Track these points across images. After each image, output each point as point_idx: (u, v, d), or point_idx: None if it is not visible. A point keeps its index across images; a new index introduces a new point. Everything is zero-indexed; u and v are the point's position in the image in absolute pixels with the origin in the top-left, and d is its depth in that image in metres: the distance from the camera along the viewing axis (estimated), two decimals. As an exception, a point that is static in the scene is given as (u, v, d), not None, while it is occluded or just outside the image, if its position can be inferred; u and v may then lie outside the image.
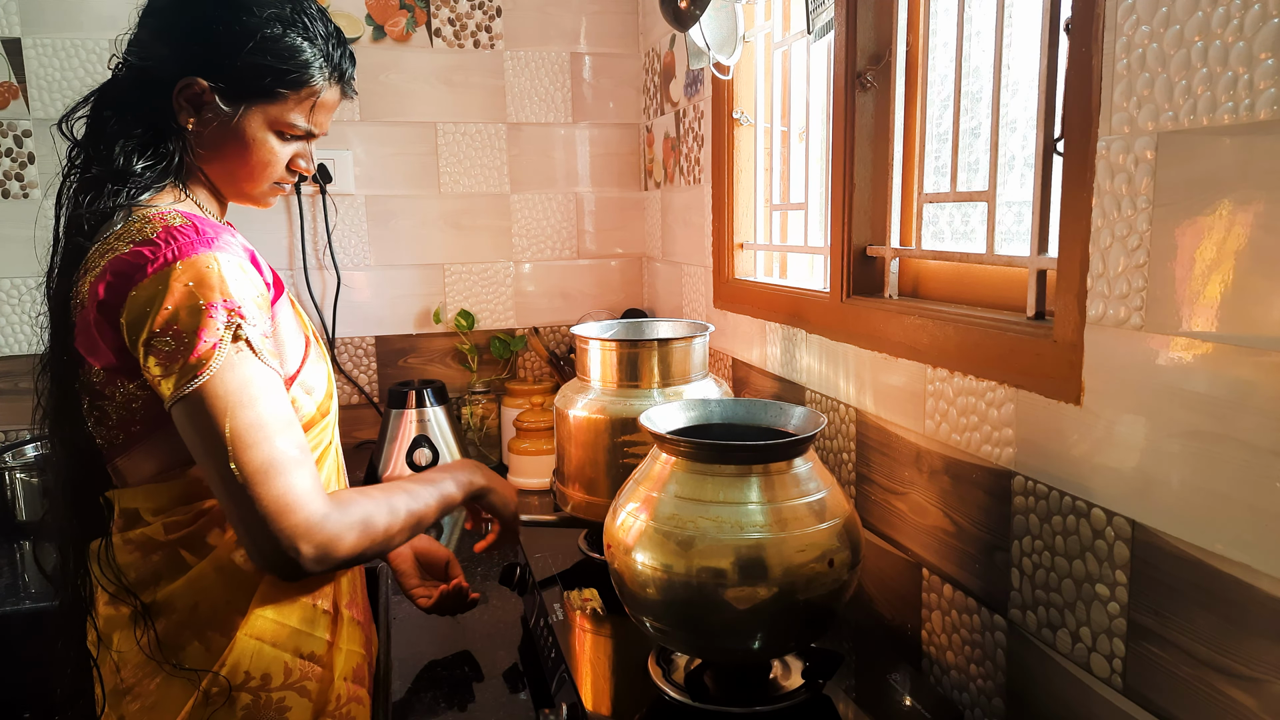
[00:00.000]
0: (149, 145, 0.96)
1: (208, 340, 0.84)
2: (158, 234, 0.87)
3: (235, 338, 0.86)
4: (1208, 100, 0.70)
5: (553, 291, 2.31)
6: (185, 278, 0.85)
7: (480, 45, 2.16)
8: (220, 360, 0.84)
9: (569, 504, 1.40)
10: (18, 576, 1.71)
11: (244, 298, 0.87)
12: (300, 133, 1.01)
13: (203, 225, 0.89)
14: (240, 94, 0.96)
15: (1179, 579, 0.76)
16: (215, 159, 0.99)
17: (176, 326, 0.84)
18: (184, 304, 0.84)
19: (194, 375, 0.84)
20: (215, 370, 0.84)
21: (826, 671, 0.97)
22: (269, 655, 0.95)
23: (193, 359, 0.84)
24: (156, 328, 0.84)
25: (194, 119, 0.96)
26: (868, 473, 1.25)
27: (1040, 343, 0.90)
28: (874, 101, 1.25)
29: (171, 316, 0.84)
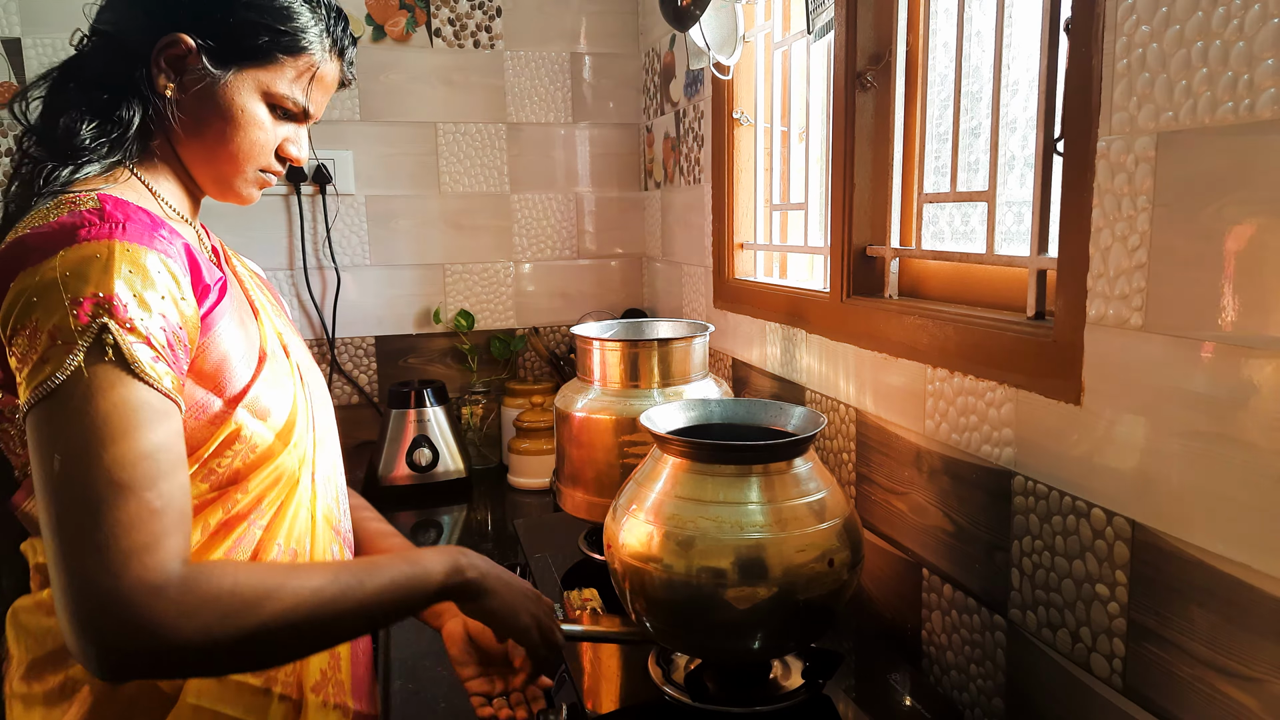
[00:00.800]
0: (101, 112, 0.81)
1: (61, 341, 0.67)
2: (60, 218, 0.72)
3: (99, 344, 0.67)
4: (1208, 100, 0.70)
5: (553, 291, 2.31)
6: (64, 267, 0.69)
7: (480, 45, 2.16)
8: (71, 366, 0.66)
9: (569, 504, 1.40)
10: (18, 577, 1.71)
11: (131, 295, 0.69)
12: (295, 109, 0.87)
13: (115, 208, 0.73)
14: (231, 54, 0.83)
15: (1179, 579, 0.76)
16: (196, 135, 0.84)
17: (32, 322, 0.68)
18: (47, 295, 0.68)
19: (43, 380, 0.67)
20: (61, 381, 0.66)
21: (826, 671, 0.97)
22: None
23: (41, 361, 0.67)
24: (20, 323, 0.69)
25: (174, 84, 0.82)
26: (868, 473, 1.25)
27: (1040, 343, 0.90)
28: (874, 101, 1.25)
29: (30, 308, 0.68)
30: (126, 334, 0.69)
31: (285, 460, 0.84)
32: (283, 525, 0.84)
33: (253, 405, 0.81)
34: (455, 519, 1.89)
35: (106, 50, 0.83)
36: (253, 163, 0.88)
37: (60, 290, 0.68)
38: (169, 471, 0.69)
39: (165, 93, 0.82)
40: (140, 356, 0.69)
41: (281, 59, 0.85)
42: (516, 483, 2.03)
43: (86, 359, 0.67)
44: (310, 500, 0.89)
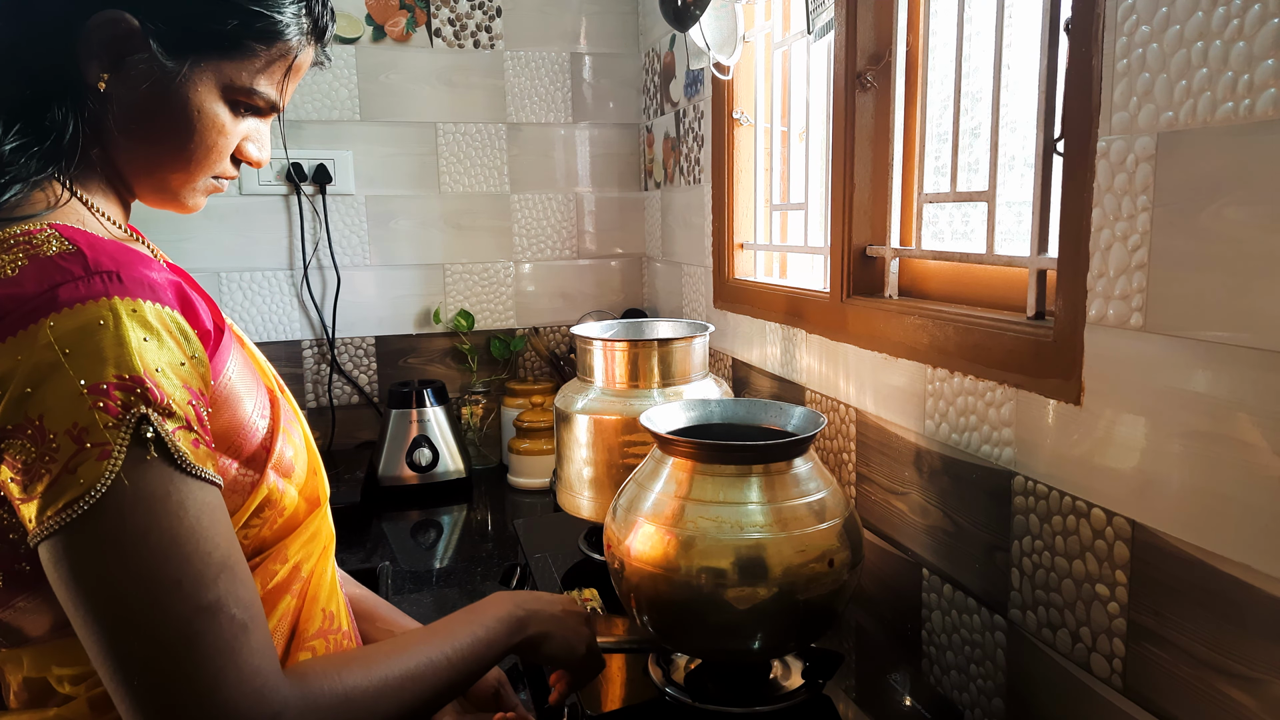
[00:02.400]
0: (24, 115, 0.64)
1: (92, 445, 0.53)
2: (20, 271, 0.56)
3: (139, 441, 0.55)
4: (1208, 100, 0.70)
5: (553, 291, 2.31)
6: (60, 342, 0.54)
7: (480, 45, 2.16)
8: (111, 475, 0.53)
9: (569, 504, 1.40)
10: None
11: (156, 369, 0.57)
12: (262, 104, 0.71)
13: (97, 250, 0.58)
14: (188, 42, 0.66)
15: (1179, 579, 0.76)
16: (138, 138, 0.68)
17: (40, 423, 0.53)
18: (50, 382, 0.54)
19: (69, 503, 0.53)
20: (102, 494, 0.53)
21: (826, 671, 0.97)
22: None
23: (67, 475, 0.53)
24: (11, 423, 0.54)
25: (109, 74, 0.65)
26: (868, 473, 1.25)
27: (1040, 343, 0.90)
28: (874, 101, 1.25)
29: (23, 401, 0.53)
30: (166, 421, 0.56)
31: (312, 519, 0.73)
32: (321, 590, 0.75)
33: (279, 462, 0.69)
34: (455, 519, 1.89)
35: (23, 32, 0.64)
36: (206, 171, 0.72)
37: (68, 375, 0.53)
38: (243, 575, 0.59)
39: (99, 86, 0.65)
40: (183, 445, 0.57)
41: (253, 47, 0.68)
42: (516, 483, 2.03)
43: (127, 464, 0.54)
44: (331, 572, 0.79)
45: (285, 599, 0.71)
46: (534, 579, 1.30)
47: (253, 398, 0.68)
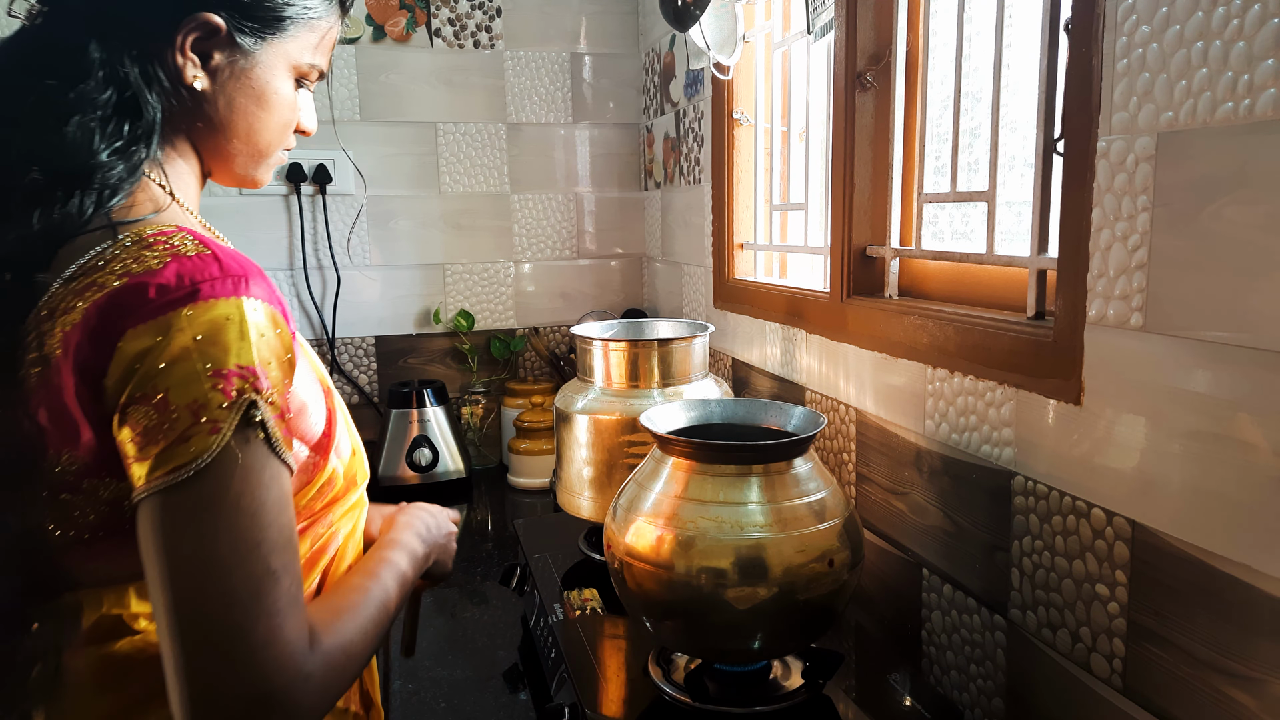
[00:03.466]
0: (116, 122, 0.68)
1: (204, 420, 0.60)
2: (165, 265, 0.63)
3: (247, 420, 0.62)
4: (1208, 100, 0.70)
5: (553, 291, 2.31)
6: (194, 330, 0.61)
7: (480, 45, 2.16)
8: (218, 448, 0.60)
9: (569, 504, 1.40)
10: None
11: (266, 362, 0.64)
12: (315, 76, 0.81)
13: (226, 256, 0.65)
14: (260, 30, 0.74)
15: (1179, 579, 0.76)
16: (224, 126, 0.75)
17: (165, 395, 0.60)
18: (182, 366, 0.61)
19: (178, 466, 0.60)
20: (208, 463, 0.60)
21: (826, 671, 0.97)
22: None
23: (179, 444, 0.60)
24: (140, 391, 0.61)
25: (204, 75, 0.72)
26: (868, 473, 1.25)
27: (1040, 343, 0.90)
28: (874, 101, 1.25)
29: (159, 379, 0.60)
30: (269, 409, 0.63)
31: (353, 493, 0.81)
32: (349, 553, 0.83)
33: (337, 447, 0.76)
34: (455, 519, 1.89)
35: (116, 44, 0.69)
36: (280, 146, 0.81)
37: (196, 359, 0.61)
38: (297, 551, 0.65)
39: (195, 84, 0.71)
40: (279, 434, 0.64)
41: (311, 23, 0.77)
42: (516, 483, 2.03)
43: (236, 439, 0.61)
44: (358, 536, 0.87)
45: (323, 559, 0.79)
46: (534, 579, 1.30)
47: (316, 389, 0.74)
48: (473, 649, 1.27)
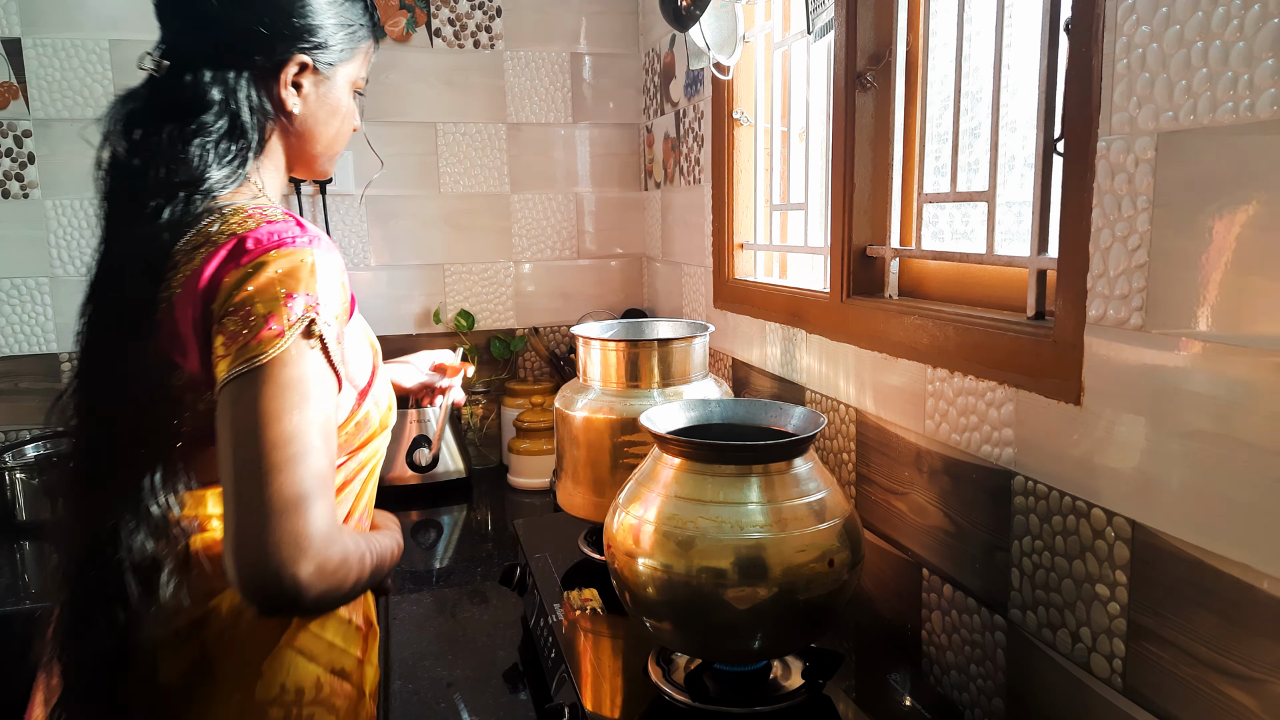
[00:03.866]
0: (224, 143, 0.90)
1: (275, 326, 0.79)
2: (258, 227, 0.85)
3: (308, 332, 0.81)
4: (1208, 100, 0.70)
5: (553, 291, 2.31)
6: (276, 266, 0.82)
7: (480, 45, 2.16)
8: (283, 347, 0.79)
9: (569, 504, 1.40)
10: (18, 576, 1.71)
11: (328, 297, 0.84)
12: (364, 88, 1.04)
13: (303, 224, 0.88)
14: (331, 61, 0.96)
15: (1179, 579, 0.76)
16: (308, 135, 0.98)
17: (249, 308, 0.80)
18: (265, 289, 0.81)
19: (252, 357, 0.78)
20: (274, 356, 0.78)
21: (826, 671, 0.97)
22: (304, 669, 0.89)
23: (254, 341, 0.79)
24: (230, 307, 0.80)
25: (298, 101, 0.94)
26: (868, 473, 1.25)
27: (1040, 343, 0.90)
28: (874, 101, 1.25)
29: (248, 298, 0.80)
30: (326, 327, 0.83)
31: (381, 440, 1.01)
32: (369, 488, 1.02)
33: (375, 396, 0.97)
34: (455, 519, 1.89)
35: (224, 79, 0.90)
36: (346, 141, 1.04)
37: (276, 285, 0.81)
38: (333, 440, 0.83)
39: (292, 109, 0.95)
40: (330, 345, 0.83)
41: (360, 50, 1.00)
42: (516, 483, 2.03)
43: (297, 343, 0.80)
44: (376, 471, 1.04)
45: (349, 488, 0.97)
46: (534, 579, 1.31)
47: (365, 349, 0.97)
48: (473, 649, 1.27)
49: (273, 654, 0.88)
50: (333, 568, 0.79)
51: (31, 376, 2.00)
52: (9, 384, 1.99)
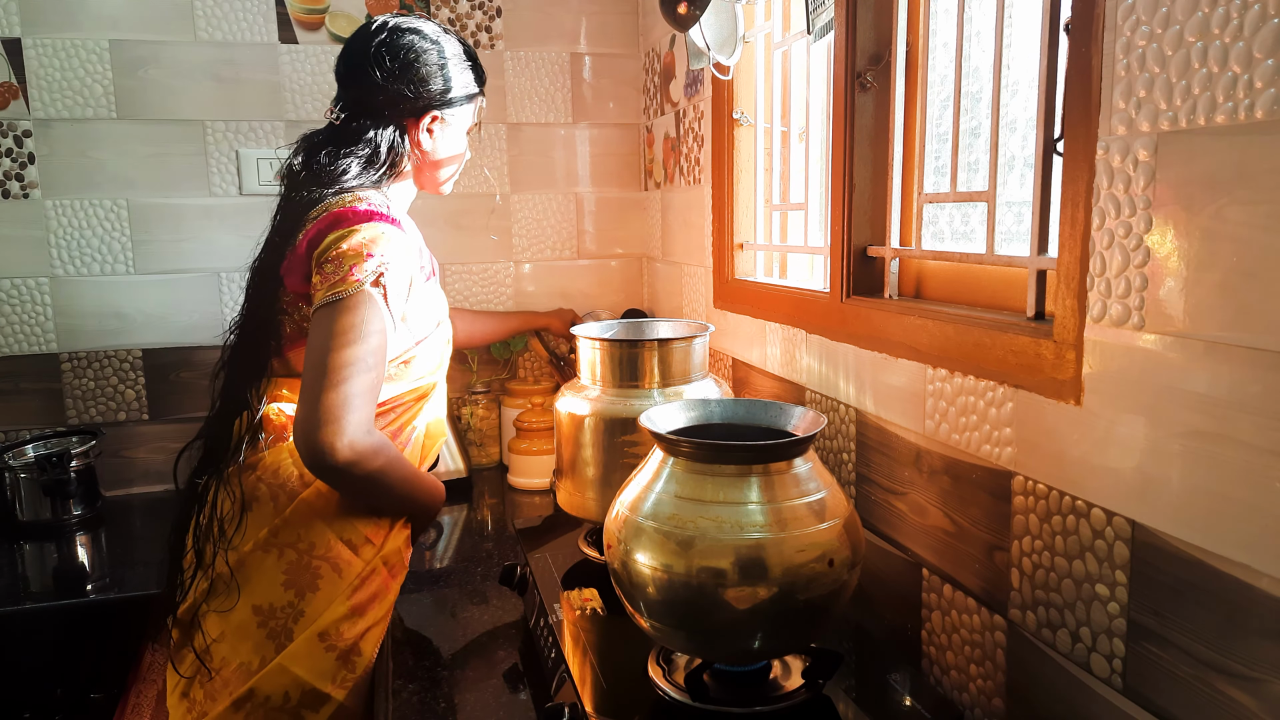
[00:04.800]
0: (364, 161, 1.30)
1: (355, 275, 1.15)
2: (359, 206, 1.22)
3: (376, 283, 1.16)
4: (1207, 101, 0.70)
5: (553, 291, 2.31)
6: (365, 233, 1.18)
7: (480, 45, 2.16)
8: (356, 290, 1.15)
9: (569, 504, 1.40)
10: (18, 577, 1.71)
11: (395, 262, 1.19)
12: (478, 129, 1.44)
13: (394, 211, 1.27)
14: (455, 113, 1.37)
15: (1179, 579, 0.76)
16: (433, 164, 1.38)
17: (340, 258, 1.17)
18: (354, 247, 1.17)
19: (335, 291, 1.15)
20: (349, 294, 1.14)
21: (826, 671, 0.97)
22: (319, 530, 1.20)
23: (340, 282, 1.15)
24: (329, 256, 1.17)
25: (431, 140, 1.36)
26: (868, 473, 1.25)
27: (1040, 343, 0.90)
28: (874, 101, 1.25)
29: (342, 253, 1.17)
30: (389, 279, 1.17)
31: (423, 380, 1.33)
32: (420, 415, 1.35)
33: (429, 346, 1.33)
34: (455, 519, 1.89)
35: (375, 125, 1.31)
36: (459, 169, 1.45)
37: (362, 247, 1.18)
38: (380, 366, 1.17)
39: (422, 148, 1.35)
40: (392, 295, 1.18)
41: (476, 101, 1.41)
42: (516, 483, 2.03)
43: (367, 289, 1.15)
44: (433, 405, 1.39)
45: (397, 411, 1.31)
46: (534, 579, 1.31)
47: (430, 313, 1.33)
48: (473, 649, 1.27)
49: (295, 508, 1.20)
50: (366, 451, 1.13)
51: (31, 376, 2.00)
52: (9, 384, 1.99)
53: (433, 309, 1.33)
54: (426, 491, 1.29)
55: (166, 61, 1.97)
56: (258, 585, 1.17)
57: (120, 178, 1.99)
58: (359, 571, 1.20)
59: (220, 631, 1.16)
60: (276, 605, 1.16)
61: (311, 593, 1.17)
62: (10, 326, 1.98)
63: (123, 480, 2.08)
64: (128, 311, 2.04)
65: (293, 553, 1.18)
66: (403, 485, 1.22)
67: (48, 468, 1.85)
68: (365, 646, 1.20)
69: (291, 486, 1.21)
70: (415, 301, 1.26)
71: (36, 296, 1.98)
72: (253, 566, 1.18)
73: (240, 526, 1.19)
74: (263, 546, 1.18)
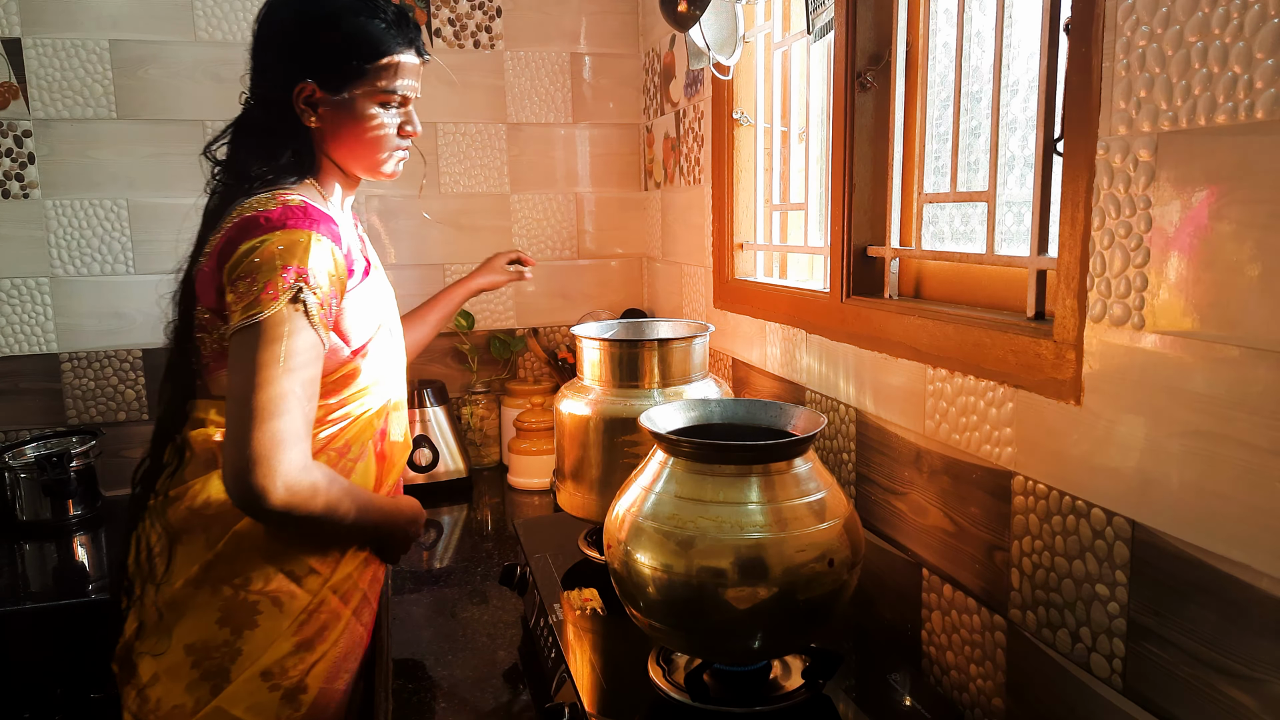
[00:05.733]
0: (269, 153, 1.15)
1: (271, 292, 1.02)
2: (275, 208, 1.07)
3: (296, 300, 1.03)
4: (1207, 100, 0.70)
5: (553, 291, 2.31)
6: (280, 242, 1.04)
7: (480, 45, 2.16)
8: (274, 310, 1.01)
9: (569, 504, 1.40)
10: (18, 576, 1.71)
11: (318, 271, 1.05)
12: (396, 99, 1.18)
13: (311, 210, 1.09)
14: (341, 82, 1.14)
15: (1179, 579, 0.76)
16: (342, 144, 1.18)
17: (254, 273, 1.03)
18: (267, 259, 1.03)
19: (252, 314, 1.01)
20: (267, 316, 1.01)
21: (826, 671, 0.97)
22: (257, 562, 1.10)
23: (254, 301, 1.02)
24: (241, 271, 1.04)
25: (315, 117, 1.15)
26: (868, 473, 1.25)
27: (1040, 343, 0.90)
28: (874, 101, 1.25)
29: (255, 266, 1.03)
30: (311, 295, 1.04)
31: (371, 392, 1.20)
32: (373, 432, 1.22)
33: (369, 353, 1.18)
34: (455, 519, 1.89)
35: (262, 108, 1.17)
36: (384, 149, 1.20)
37: (276, 259, 1.03)
38: (313, 396, 1.05)
39: (311, 124, 1.16)
40: (314, 312, 1.04)
41: (375, 65, 1.15)
42: (516, 483, 2.03)
43: (286, 307, 1.02)
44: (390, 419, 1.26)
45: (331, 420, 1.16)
46: (534, 579, 1.30)
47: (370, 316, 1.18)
48: (473, 649, 1.27)
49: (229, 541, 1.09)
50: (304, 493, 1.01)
51: (31, 376, 2.00)
52: (9, 384, 1.99)
53: (373, 310, 1.19)
54: (387, 518, 1.20)
55: (166, 61, 1.97)
56: (191, 624, 1.08)
57: (120, 178, 1.99)
58: (304, 605, 1.12)
59: (154, 673, 1.08)
60: (211, 645, 1.08)
61: (250, 630, 1.08)
62: (10, 326, 1.98)
63: (123, 480, 2.07)
64: (128, 311, 2.04)
65: (228, 589, 1.09)
66: (357, 517, 1.12)
67: (48, 468, 1.85)
68: (312, 682, 1.12)
69: (224, 517, 1.10)
70: (351, 307, 1.13)
71: (36, 296, 1.98)
72: (185, 604, 1.09)
73: (170, 562, 1.10)
74: (195, 583, 1.09)
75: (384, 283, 1.28)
